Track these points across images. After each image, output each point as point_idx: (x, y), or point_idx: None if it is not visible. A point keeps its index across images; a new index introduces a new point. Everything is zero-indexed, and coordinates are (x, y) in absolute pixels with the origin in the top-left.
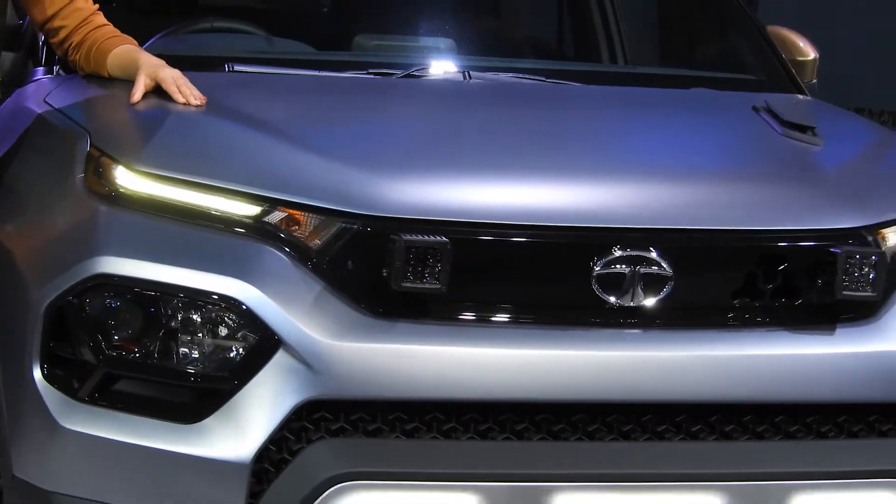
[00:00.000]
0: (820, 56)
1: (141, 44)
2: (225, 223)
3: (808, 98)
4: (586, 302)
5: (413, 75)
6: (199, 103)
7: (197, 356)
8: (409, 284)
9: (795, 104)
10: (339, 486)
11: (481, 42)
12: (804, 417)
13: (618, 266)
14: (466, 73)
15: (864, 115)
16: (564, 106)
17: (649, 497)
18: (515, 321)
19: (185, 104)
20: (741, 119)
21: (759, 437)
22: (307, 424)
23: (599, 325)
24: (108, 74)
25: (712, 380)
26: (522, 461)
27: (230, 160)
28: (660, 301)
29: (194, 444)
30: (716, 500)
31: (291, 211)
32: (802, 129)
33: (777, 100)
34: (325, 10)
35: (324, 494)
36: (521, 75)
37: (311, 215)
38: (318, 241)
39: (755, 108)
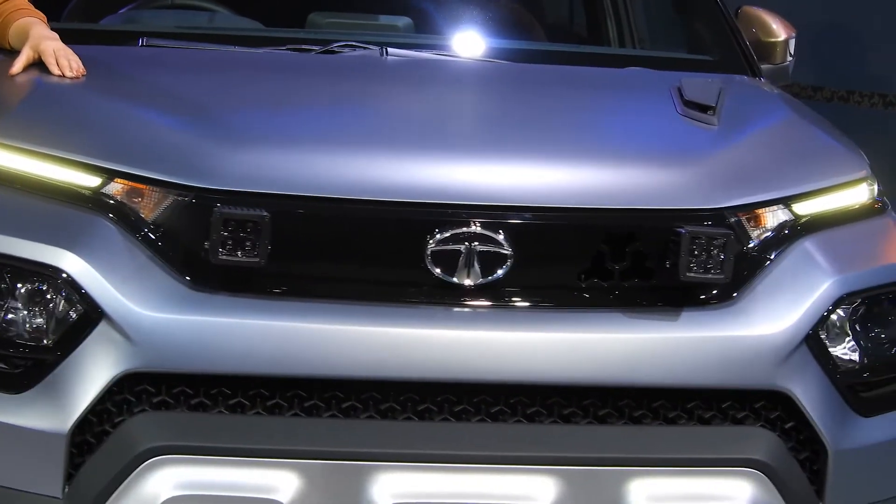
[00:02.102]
0: None
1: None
2: (61, 193)
3: (741, 78)
4: (419, 279)
5: (333, 51)
6: (73, 75)
7: (22, 326)
8: (225, 257)
9: (708, 84)
10: (154, 459)
11: (442, 22)
12: (651, 402)
13: (452, 243)
14: (384, 51)
15: None
16: (463, 83)
17: (476, 479)
18: (341, 297)
19: (60, 76)
20: (650, 99)
21: (601, 421)
22: (129, 397)
23: (431, 302)
24: (10, 47)
25: (550, 361)
26: (344, 439)
27: (77, 132)
28: (497, 279)
29: (17, 414)
30: (548, 484)
31: (125, 182)
32: (703, 108)
33: (692, 79)
34: None
35: (139, 468)
36: (448, 53)
37: (142, 186)
38: (148, 213)
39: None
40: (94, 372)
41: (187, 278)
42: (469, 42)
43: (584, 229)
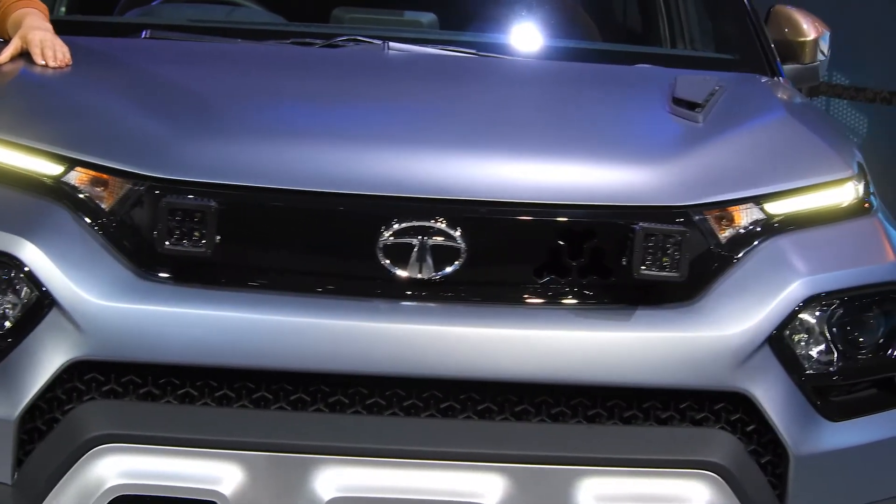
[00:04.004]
0: None
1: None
2: (20, 181)
3: (751, 77)
4: (370, 273)
5: (337, 45)
6: (56, 65)
7: None
8: (171, 247)
9: (702, 82)
10: (100, 447)
11: (468, 18)
12: (605, 401)
13: (404, 237)
14: (386, 45)
15: None
16: (448, 78)
17: (421, 475)
18: (290, 289)
19: (43, 66)
20: (642, 96)
21: (554, 419)
22: (78, 385)
23: (381, 296)
24: (8, 37)
25: (501, 357)
26: (289, 432)
27: (41, 121)
28: (450, 274)
29: None
30: (495, 481)
31: (83, 171)
32: (691, 106)
33: (687, 77)
34: None
35: (85, 455)
36: (457, 49)
37: (99, 175)
38: (104, 202)
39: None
40: (44, 359)
41: (138, 268)
42: (480, 38)
43: (540, 225)
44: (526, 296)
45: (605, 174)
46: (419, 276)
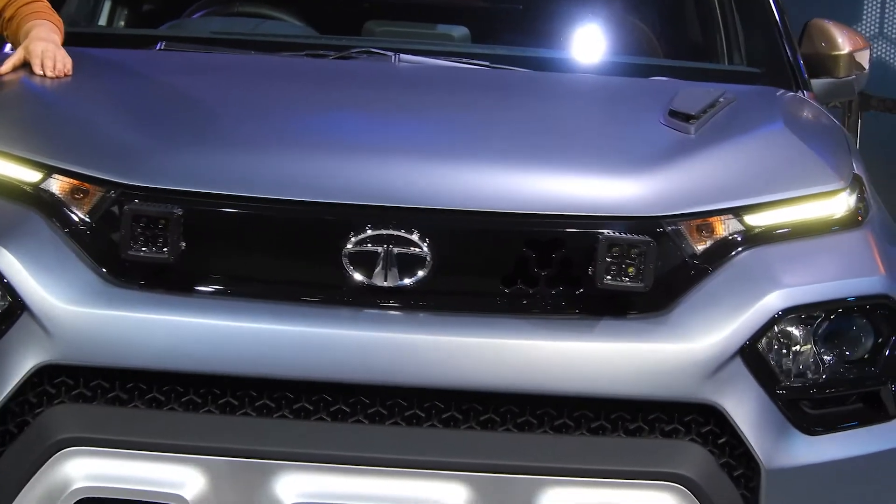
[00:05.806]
0: None
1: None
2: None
3: (766, 90)
4: (335, 280)
5: (350, 56)
6: (54, 76)
7: None
8: (134, 253)
9: (703, 93)
10: (66, 450)
11: (501, 31)
12: (572, 412)
13: (370, 245)
14: (396, 58)
15: None
16: (441, 89)
17: (383, 482)
18: (254, 296)
19: (42, 77)
20: (642, 108)
21: (520, 428)
22: (48, 388)
23: (346, 303)
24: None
25: (466, 366)
26: (252, 437)
27: (27, 128)
28: (416, 283)
29: None
30: (457, 490)
31: (60, 177)
32: (686, 118)
33: (689, 89)
34: None
35: (51, 458)
36: (468, 61)
37: (73, 182)
38: (76, 208)
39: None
40: (14, 363)
41: (108, 273)
42: (495, 51)
43: (508, 235)
44: (493, 305)
45: (576, 184)
46: (385, 284)
